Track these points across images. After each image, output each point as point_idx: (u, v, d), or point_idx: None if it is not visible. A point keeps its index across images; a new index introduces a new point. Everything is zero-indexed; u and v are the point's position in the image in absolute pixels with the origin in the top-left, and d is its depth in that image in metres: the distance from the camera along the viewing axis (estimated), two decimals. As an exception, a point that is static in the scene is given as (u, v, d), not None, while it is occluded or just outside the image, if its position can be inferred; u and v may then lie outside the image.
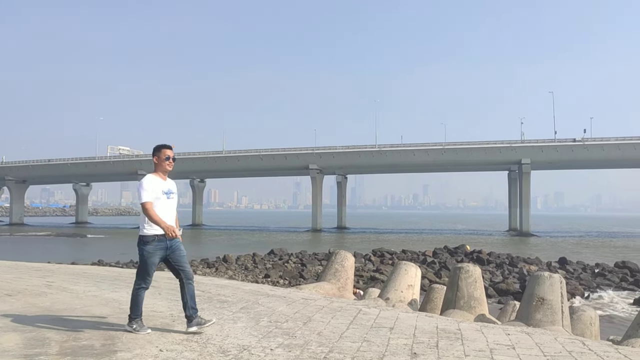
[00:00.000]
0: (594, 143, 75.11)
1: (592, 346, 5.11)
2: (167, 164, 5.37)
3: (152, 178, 5.28)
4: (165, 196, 5.25)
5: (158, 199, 5.20)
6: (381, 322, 5.97)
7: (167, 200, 5.26)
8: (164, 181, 5.33)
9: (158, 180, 5.29)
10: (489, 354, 4.67)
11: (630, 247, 56.08)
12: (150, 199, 5.15)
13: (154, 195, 5.19)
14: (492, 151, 79.21)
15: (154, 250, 5.17)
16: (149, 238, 5.17)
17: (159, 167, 5.37)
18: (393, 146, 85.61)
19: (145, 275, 5.21)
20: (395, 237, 73.39)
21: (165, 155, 5.37)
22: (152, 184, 5.23)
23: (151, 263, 5.18)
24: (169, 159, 5.37)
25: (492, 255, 37.22)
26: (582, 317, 8.41)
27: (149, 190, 5.18)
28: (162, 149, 5.41)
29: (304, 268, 32.64)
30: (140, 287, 5.22)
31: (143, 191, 5.16)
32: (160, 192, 5.23)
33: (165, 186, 5.29)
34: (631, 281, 28.87)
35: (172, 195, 5.33)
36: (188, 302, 5.20)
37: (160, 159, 5.36)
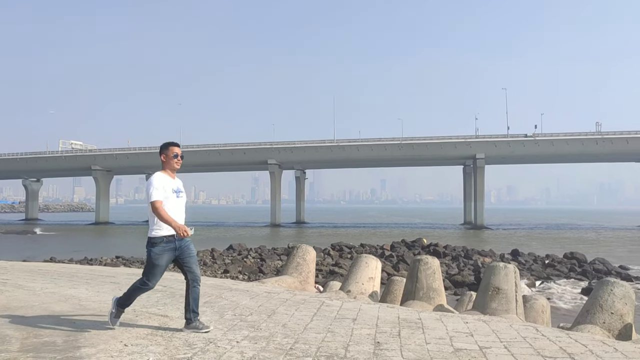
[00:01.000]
0: (544, 138, 77.59)
1: (544, 332, 5.37)
2: (176, 162, 5.20)
3: (161, 176, 5.10)
4: (175, 195, 5.08)
5: (168, 198, 5.02)
6: (344, 314, 6.09)
7: (177, 199, 5.10)
8: (173, 179, 5.18)
9: (167, 178, 5.12)
10: (448, 341, 4.85)
11: (578, 239, 58.29)
12: (160, 198, 4.97)
13: (165, 194, 5.01)
14: (447, 146, 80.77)
15: (162, 251, 4.98)
16: (158, 240, 4.97)
17: (167, 165, 5.20)
18: (351, 141, 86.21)
19: (151, 277, 5.01)
20: (353, 231, 74.05)
21: (173, 152, 5.21)
22: (162, 182, 5.05)
23: (158, 265, 4.98)
24: (177, 156, 5.21)
25: (448, 248, 38.04)
26: (535, 305, 8.77)
27: (160, 188, 5.00)
28: (169, 146, 5.25)
29: (264, 263, 32.61)
30: (144, 287, 5.03)
31: (153, 189, 4.98)
32: (171, 190, 5.06)
33: (174, 184, 5.13)
34: (579, 271, 30.04)
35: (182, 194, 5.17)
36: (190, 304, 5.04)
37: (169, 157, 5.20)
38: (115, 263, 30.98)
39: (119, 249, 40.97)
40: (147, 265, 5.06)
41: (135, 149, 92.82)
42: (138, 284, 5.06)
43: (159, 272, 5.03)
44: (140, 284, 5.04)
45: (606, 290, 7.25)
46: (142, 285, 5.04)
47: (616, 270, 30.15)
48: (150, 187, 4.99)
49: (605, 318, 7.06)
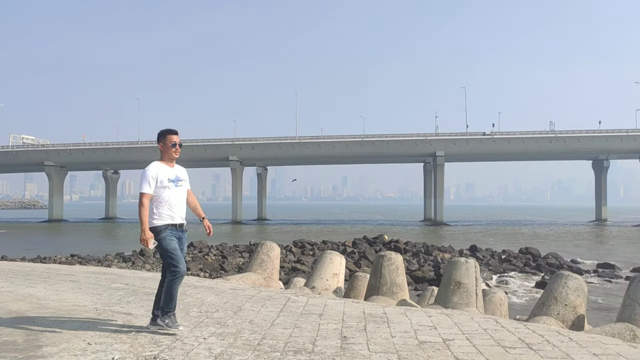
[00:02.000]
0: (502, 137, 79.52)
1: (504, 324, 5.55)
2: (174, 151, 5.03)
3: (157, 166, 4.95)
4: (173, 184, 4.92)
5: (166, 187, 4.89)
6: (310, 309, 6.14)
7: (176, 188, 4.95)
8: (171, 168, 5.02)
9: (164, 167, 4.96)
10: (413, 334, 4.96)
11: (532, 234, 60.04)
12: (149, 191, 4.81)
13: (160, 184, 4.86)
14: (408, 144, 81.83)
15: (170, 237, 4.84)
16: (162, 227, 4.83)
17: (165, 154, 5.04)
18: (313, 138, 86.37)
19: (176, 263, 4.80)
20: (315, 228, 74.25)
21: (171, 141, 5.02)
22: (157, 172, 4.89)
23: (174, 248, 4.82)
24: (175, 145, 5.03)
25: (408, 245, 38.59)
26: (493, 298, 9.03)
27: (152, 180, 4.84)
28: (167, 134, 5.06)
29: (225, 260, 32.40)
30: (176, 277, 4.80)
31: (144, 181, 4.85)
32: (167, 180, 4.90)
33: (172, 173, 4.97)
34: (533, 266, 30.96)
35: (181, 183, 5.02)
36: (162, 301, 4.94)
37: (166, 146, 5.03)
38: (71, 261, 30.20)
39: (74, 247, 39.97)
40: (164, 255, 4.85)
41: (91, 145, 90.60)
42: (170, 278, 4.82)
43: (179, 254, 4.86)
44: (171, 276, 4.82)
45: (560, 283, 7.52)
46: (173, 277, 4.81)
47: (568, 265, 31.22)
48: (142, 179, 4.86)
49: (559, 310, 7.33)
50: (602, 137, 77.33)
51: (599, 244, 48.61)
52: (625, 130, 77.62)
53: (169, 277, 4.83)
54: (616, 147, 77.95)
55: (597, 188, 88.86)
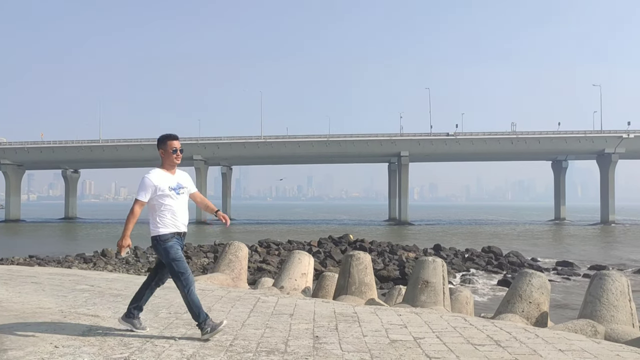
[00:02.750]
0: (465, 137, 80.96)
1: (472, 322, 5.66)
2: (175, 157, 4.84)
3: (157, 173, 4.76)
4: (174, 192, 4.75)
5: (167, 196, 4.71)
6: (281, 309, 6.14)
7: (177, 196, 4.77)
8: (172, 175, 4.83)
9: (165, 175, 4.78)
10: (384, 333, 5.01)
11: (494, 233, 61.33)
12: (144, 199, 4.67)
13: (160, 192, 4.69)
14: (373, 144, 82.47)
15: (177, 244, 4.73)
16: (167, 236, 4.69)
17: (166, 160, 4.85)
18: (278, 137, 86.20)
19: (185, 273, 4.68)
20: (280, 227, 74.10)
21: (172, 147, 4.83)
22: (156, 180, 4.70)
23: (181, 256, 4.71)
24: (176, 151, 4.84)
25: (373, 244, 38.92)
26: (459, 297, 9.19)
27: (149, 188, 4.67)
28: (167, 140, 4.86)
29: (189, 260, 31.98)
30: (189, 287, 4.68)
31: (142, 188, 4.68)
32: (167, 188, 4.72)
33: (173, 181, 4.79)
34: (495, 264, 31.64)
35: (182, 190, 4.83)
36: (143, 300, 4.89)
37: (167, 152, 4.83)
38: (30, 262, 29.35)
39: (33, 248, 38.88)
40: (170, 264, 4.70)
41: (50, 143, 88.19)
42: (182, 289, 4.68)
43: (185, 262, 4.76)
44: (183, 285, 4.67)
45: (525, 281, 7.71)
46: (188, 290, 4.67)
47: (528, 263, 32.04)
48: (140, 185, 4.70)
49: (524, 307, 7.51)
50: (561, 139, 79.56)
51: (557, 243, 50.03)
52: (583, 131, 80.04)
53: (184, 288, 4.67)
54: (574, 148, 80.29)
55: (556, 188, 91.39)
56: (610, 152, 78.14)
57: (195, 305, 4.66)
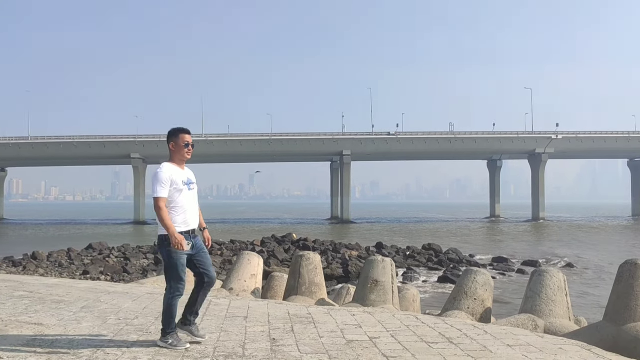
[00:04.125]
0: (405, 137, 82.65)
1: (424, 320, 5.80)
2: (187, 152, 4.66)
3: (170, 168, 4.56)
4: (187, 187, 4.57)
5: (179, 190, 4.52)
6: (234, 312, 6.07)
7: (189, 191, 4.60)
8: (183, 170, 4.64)
9: (176, 169, 4.59)
10: (340, 334, 5.05)
11: (434, 231, 62.98)
12: (165, 195, 4.44)
13: (174, 187, 4.50)
14: (316, 143, 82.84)
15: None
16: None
17: (177, 154, 4.65)
18: (220, 136, 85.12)
19: (179, 280, 4.48)
20: (222, 227, 73.22)
21: (184, 141, 4.64)
22: (170, 175, 4.51)
23: (182, 264, 4.47)
24: (188, 145, 4.65)
25: (317, 243, 39.12)
26: (407, 295, 9.40)
27: (167, 182, 4.47)
28: (180, 133, 4.66)
29: (128, 262, 31.09)
30: (175, 295, 4.48)
31: (158, 184, 4.43)
32: (181, 182, 4.54)
33: (184, 176, 4.61)
34: (436, 261, 32.48)
35: (193, 186, 4.67)
36: (197, 305, 4.64)
37: (178, 146, 4.64)
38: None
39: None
40: (169, 269, 4.49)
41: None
42: (168, 298, 4.49)
43: (184, 272, 4.51)
44: (171, 295, 4.49)
45: (470, 279, 7.97)
46: (172, 297, 4.48)
47: (467, 259, 33.11)
48: (155, 182, 4.45)
49: (469, 304, 7.77)
50: (496, 139, 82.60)
51: (493, 239, 51.95)
52: (516, 132, 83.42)
53: (169, 294, 4.49)
54: (508, 148, 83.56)
55: (492, 186, 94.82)
56: (541, 152, 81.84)
57: (171, 315, 4.50)
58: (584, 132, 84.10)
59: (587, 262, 32.05)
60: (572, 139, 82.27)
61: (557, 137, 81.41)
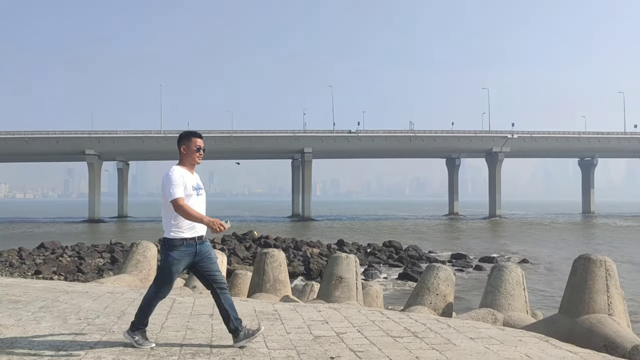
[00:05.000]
0: (366, 135, 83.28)
1: (389, 315, 5.88)
2: (198, 156, 4.57)
3: (180, 171, 4.47)
4: (196, 192, 4.48)
5: (189, 196, 4.42)
6: (199, 310, 6.02)
7: (198, 197, 4.50)
8: (192, 175, 4.55)
9: (187, 173, 4.50)
10: (307, 329, 5.08)
11: (394, 228, 63.74)
12: (182, 195, 4.36)
13: (185, 192, 4.41)
14: (277, 140, 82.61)
15: (181, 256, 4.39)
16: (177, 242, 4.38)
17: (187, 158, 4.55)
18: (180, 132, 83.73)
19: (166, 284, 4.44)
20: (182, 225, 72.06)
21: (196, 145, 4.55)
22: (182, 177, 4.42)
23: (175, 271, 4.41)
24: (199, 149, 4.57)
25: (278, 240, 39.05)
26: (370, 291, 9.50)
27: (180, 184, 4.38)
28: (192, 137, 4.57)
29: (82, 261, 30.29)
30: (157, 296, 4.44)
31: (173, 187, 4.35)
32: (191, 187, 4.44)
33: (194, 181, 4.52)
34: (396, 258, 32.90)
35: (201, 191, 4.58)
36: (230, 313, 4.49)
37: (190, 149, 4.54)
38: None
39: None
40: (161, 271, 4.45)
41: None
42: (151, 293, 4.45)
43: (174, 278, 4.46)
44: (152, 295, 4.44)
45: (432, 275, 8.13)
46: (154, 297, 4.44)
47: (426, 256, 33.65)
48: (169, 184, 4.37)
49: (432, 299, 7.92)
50: (455, 137, 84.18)
51: (451, 236, 52.97)
52: (473, 131, 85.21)
53: (153, 290, 4.45)
54: (466, 146, 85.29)
55: (450, 184, 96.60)
56: (497, 151, 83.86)
57: (146, 313, 4.46)
58: (538, 132, 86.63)
59: (540, 258, 33.04)
60: (526, 138, 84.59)
61: (512, 136, 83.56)
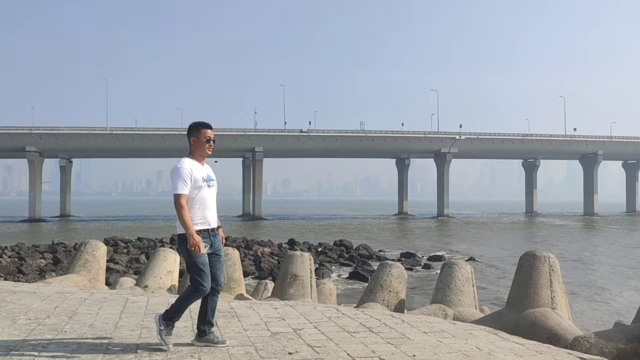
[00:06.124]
0: (318, 134, 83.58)
1: (344, 311, 5.99)
2: (208, 147, 4.46)
3: (190, 163, 4.35)
4: (206, 184, 4.38)
5: (199, 188, 4.34)
6: (154, 309, 5.94)
7: (209, 189, 4.42)
8: (203, 167, 4.45)
9: (197, 165, 4.39)
10: (264, 326, 5.12)
11: (345, 227, 64.28)
12: (186, 192, 4.26)
13: (195, 184, 4.31)
14: (227, 138, 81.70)
15: (204, 246, 4.28)
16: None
17: (197, 149, 4.45)
18: (127, 129, 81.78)
19: (204, 277, 4.26)
20: (129, 224, 70.58)
21: (205, 136, 4.45)
22: (191, 171, 4.31)
23: (205, 262, 4.27)
24: (209, 141, 4.46)
25: (229, 240, 38.66)
26: (324, 289, 9.60)
27: (187, 178, 4.27)
28: (201, 128, 4.46)
29: (23, 262, 29.13)
30: (198, 291, 4.29)
31: (179, 180, 4.24)
32: (201, 179, 4.35)
33: (204, 172, 4.42)
34: (347, 257, 33.22)
35: (213, 183, 4.49)
36: (208, 315, 4.42)
37: (200, 141, 4.43)
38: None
39: None
40: (192, 267, 4.28)
41: None
42: (190, 290, 4.31)
43: (208, 270, 4.31)
44: (193, 289, 4.30)
45: (385, 272, 8.28)
46: (195, 291, 4.29)
47: (376, 255, 34.15)
48: (176, 177, 4.26)
49: (384, 296, 8.07)
50: (404, 138, 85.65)
51: (401, 235, 53.91)
52: (423, 132, 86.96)
53: (191, 288, 4.33)
54: (415, 147, 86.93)
55: (400, 184, 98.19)
56: (446, 151, 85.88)
57: (180, 310, 4.36)
58: (484, 133, 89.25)
59: (485, 256, 34.10)
60: (474, 139, 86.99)
61: (460, 137, 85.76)
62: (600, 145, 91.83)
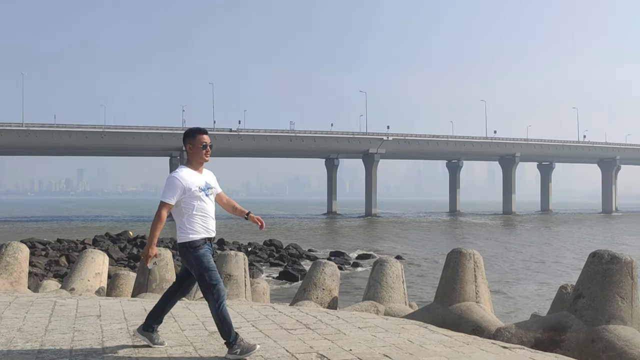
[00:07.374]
0: (247, 134, 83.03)
1: (280, 309, 6.08)
2: (205, 153, 4.27)
3: (185, 172, 4.20)
4: (203, 193, 4.22)
5: (198, 198, 4.18)
6: (85, 311, 5.79)
7: (206, 197, 4.24)
8: (200, 174, 4.28)
9: (193, 174, 4.22)
10: (202, 326, 5.13)
11: (275, 227, 64.20)
12: (172, 202, 4.12)
13: (191, 194, 4.15)
14: (154, 136, 79.66)
15: (206, 252, 4.15)
16: (199, 242, 4.14)
17: (194, 157, 4.28)
18: (45, 126, 77.75)
19: (216, 282, 4.07)
20: (47, 225, 67.14)
21: (201, 142, 4.25)
22: (185, 180, 4.14)
23: (213, 266, 4.13)
24: (206, 146, 4.27)
25: (163, 243, 37.75)
26: (257, 288, 9.63)
27: (177, 189, 4.11)
28: (196, 134, 4.28)
29: None
30: (221, 301, 4.06)
31: (169, 189, 4.12)
32: (197, 189, 4.18)
33: (201, 181, 4.24)
34: (277, 257, 33.27)
35: (211, 190, 4.33)
36: (163, 313, 4.32)
37: (196, 147, 4.25)
38: None
39: None
40: (202, 272, 4.10)
41: None
42: (215, 307, 4.07)
43: (216, 269, 4.19)
44: (217, 303, 4.06)
45: (319, 270, 8.44)
46: (220, 303, 4.07)
47: (306, 254, 34.42)
48: (167, 186, 4.14)
49: (318, 294, 8.22)
50: (334, 138, 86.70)
51: (330, 234, 54.55)
52: (352, 133, 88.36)
53: (214, 303, 4.09)
54: (344, 147, 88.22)
55: (329, 184, 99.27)
56: (374, 152, 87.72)
57: (226, 322, 4.10)
58: (411, 134, 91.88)
59: (410, 254, 35.16)
60: (401, 140, 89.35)
61: (388, 138, 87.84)
62: (518, 148, 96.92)
